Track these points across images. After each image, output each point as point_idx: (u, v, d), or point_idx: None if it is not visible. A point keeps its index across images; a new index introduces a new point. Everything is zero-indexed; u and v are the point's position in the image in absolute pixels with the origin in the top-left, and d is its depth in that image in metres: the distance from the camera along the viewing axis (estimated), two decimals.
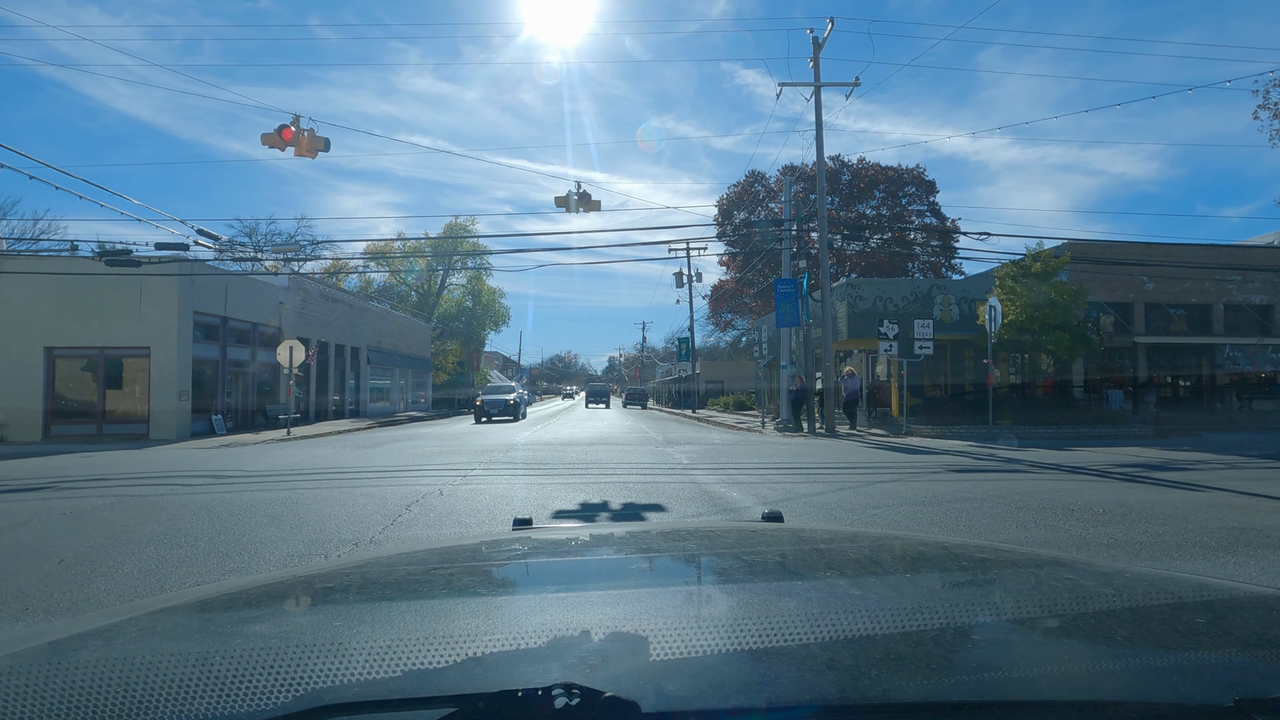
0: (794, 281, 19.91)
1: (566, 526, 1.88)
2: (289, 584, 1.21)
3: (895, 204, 35.91)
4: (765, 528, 1.63)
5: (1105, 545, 5.08)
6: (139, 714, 0.62)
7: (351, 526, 6.01)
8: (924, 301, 22.21)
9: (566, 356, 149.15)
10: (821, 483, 8.78)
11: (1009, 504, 6.80)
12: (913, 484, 8.41)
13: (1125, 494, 7.50)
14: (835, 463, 11.25)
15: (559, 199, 15.98)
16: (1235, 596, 1.04)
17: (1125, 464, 10.56)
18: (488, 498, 7.58)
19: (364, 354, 34.80)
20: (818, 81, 19.52)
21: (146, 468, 11.59)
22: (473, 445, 15.14)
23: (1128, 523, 5.86)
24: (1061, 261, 17.75)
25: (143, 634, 0.91)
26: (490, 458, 12.16)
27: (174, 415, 20.03)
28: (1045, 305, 17.12)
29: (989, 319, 15.87)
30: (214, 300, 22.14)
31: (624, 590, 1.12)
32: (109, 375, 20.28)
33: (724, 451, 13.39)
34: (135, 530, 5.90)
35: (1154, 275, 22.77)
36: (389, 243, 49.75)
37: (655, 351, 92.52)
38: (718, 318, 46.82)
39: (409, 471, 10.32)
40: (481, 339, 60.88)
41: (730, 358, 65.66)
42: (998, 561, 1.29)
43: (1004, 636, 0.88)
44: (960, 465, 10.58)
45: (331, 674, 0.70)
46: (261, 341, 25.03)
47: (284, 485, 8.81)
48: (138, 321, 19.99)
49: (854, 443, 15.62)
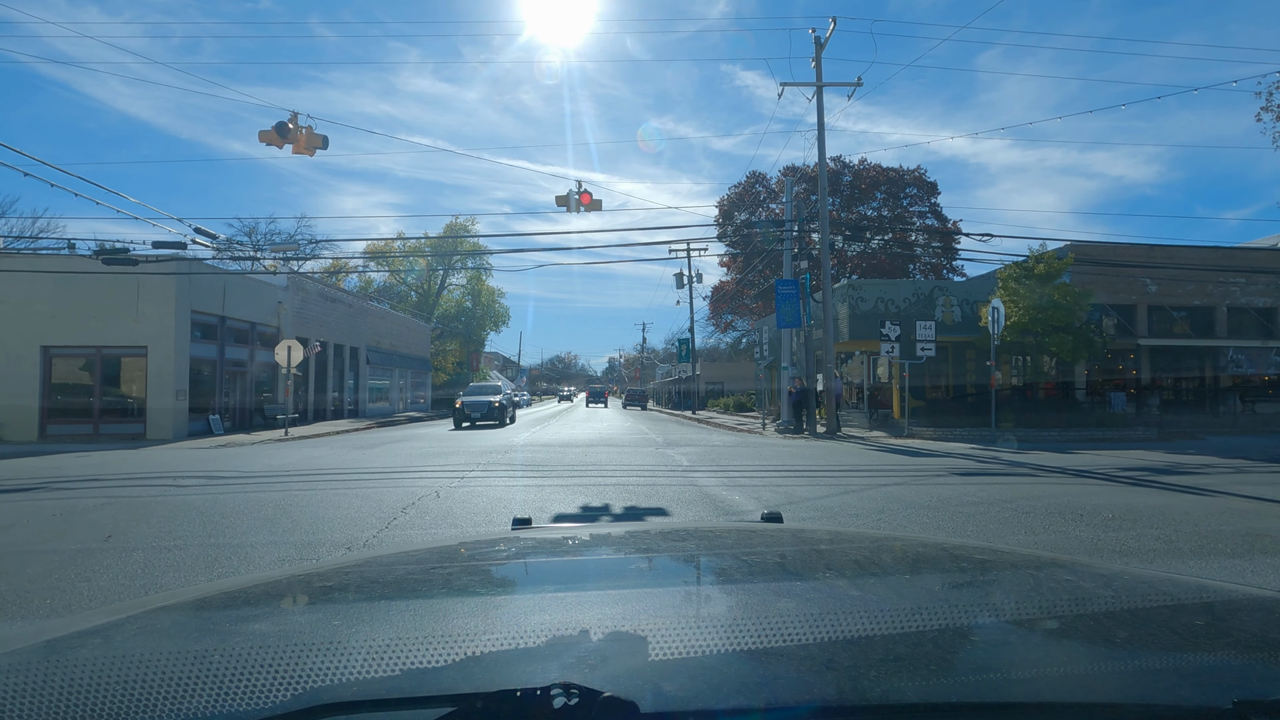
0: (795, 282, 19.80)
1: (566, 526, 1.95)
2: (288, 583, 1.20)
3: (896, 205, 35.80)
4: (765, 528, 1.62)
5: (1117, 551, 4.96)
6: (137, 712, 0.61)
7: (345, 530, 5.89)
8: (926, 303, 22.09)
9: (566, 357, 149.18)
10: (825, 486, 8.65)
11: (1015, 509, 6.68)
12: (917, 488, 8.29)
13: (1133, 498, 7.38)
14: (838, 465, 11.13)
15: (559, 198, 15.86)
16: (1234, 599, 1.04)
17: (1131, 467, 10.44)
18: (485, 500, 7.45)
19: (363, 354, 34.68)
20: (819, 81, 19.41)
21: (141, 468, 11.46)
22: (471, 447, 15.02)
23: (1139, 528, 5.74)
24: (1065, 263, 17.64)
25: (141, 632, 0.91)
26: (488, 459, 12.04)
27: (171, 415, 19.90)
28: (1048, 307, 17.00)
29: (992, 320, 15.75)
30: (212, 300, 22.01)
31: (623, 590, 1.11)
32: (106, 375, 20.16)
33: (725, 453, 13.27)
34: (124, 533, 5.78)
35: (1157, 277, 22.64)
36: (389, 242, 49.74)
37: (655, 353, 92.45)
38: (718, 319, 46.71)
39: (406, 473, 10.19)
40: (481, 339, 60.79)
41: (730, 359, 65.57)
42: (997, 563, 1.28)
43: (1003, 638, 0.87)
44: (964, 468, 10.46)
45: (330, 673, 0.69)
46: (260, 341, 24.90)
47: (278, 486, 8.69)
48: (135, 321, 19.86)
49: (855, 445, 15.50)
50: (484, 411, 23.59)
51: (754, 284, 37.68)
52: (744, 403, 38.01)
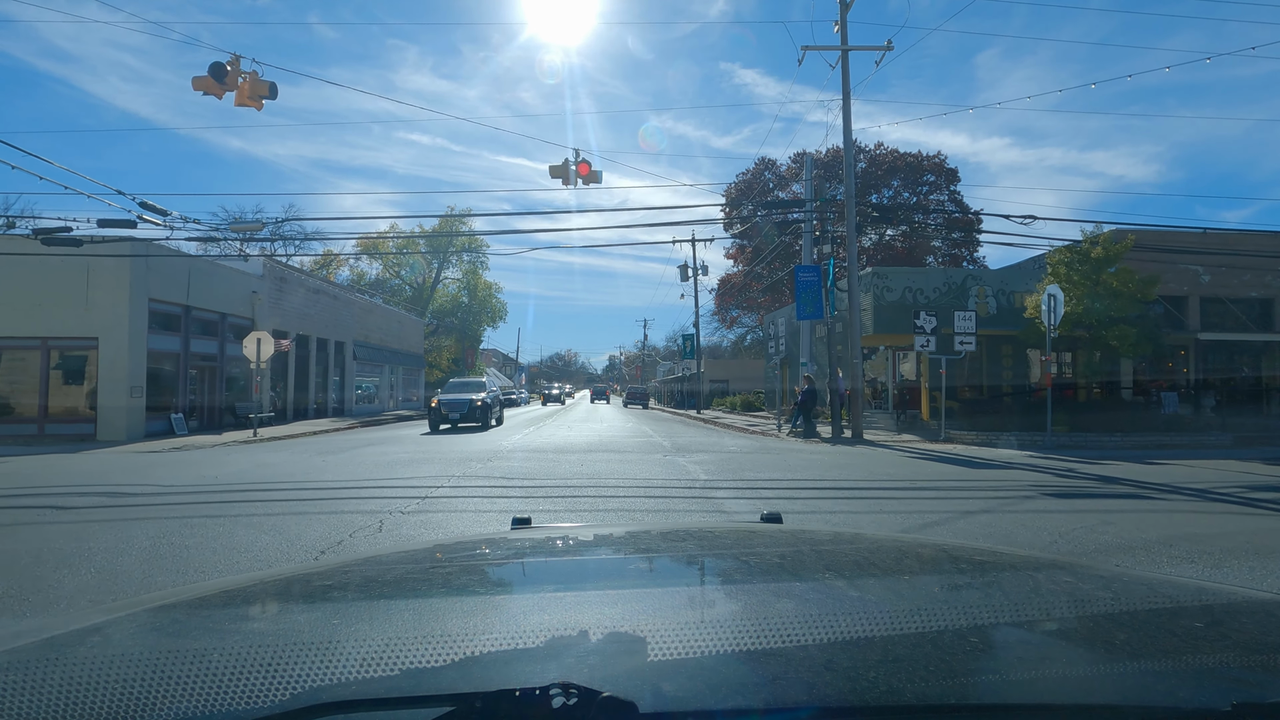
0: (817, 269, 17.80)
1: (566, 526, 1.74)
2: (286, 582, 1.18)
3: (914, 192, 33.78)
4: (765, 528, 1.61)
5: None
6: (136, 710, 0.61)
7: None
8: (958, 293, 20.10)
9: (566, 355, 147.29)
10: (891, 513, 6.69)
11: (1197, 548, 4.71)
12: (1015, 516, 6.31)
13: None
14: (889, 479, 9.15)
15: (554, 168, 13.87)
16: (1233, 601, 1.02)
17: (1256, 485, 8.48)
18: (440, 534, 5.50)
19: (349, 349, 32.68)
20: (845, 45, 17.41)
21: (45, 479, 9.50)
22: (449, 453, 13.03)
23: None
24: (1124, 245, 15.59)
25: (140, 630, 0.90)
26: (465, 470, 10.07)
27: (124, 414, 17.93)
28: (1107, 295, 15.01)
29: (1048, 310, 13.76)
30: (174, 287, 20.02)
31: (622, 590, 1.09)
32: (52, 369, 18.19)
33: (745, 462, 11.29)
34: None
35: (1210, 266, 20.66)
36: (382, 235, 47.74)
37: (656, 350, 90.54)
38: (724, 314, 44.74)
39: (357, 490, 8.24)
40: (478, 335, 58.85)
41: (733, 357, 63.67)
42: (997, 565, 1.27)
43: (1002, 639, 0.85)
44: (1047, 485, 8.50)
45: (329, 672, 0.69)
46: (232, 333, 22.89)
47: (181, 510, 6.73)
48: (84, 309, 17.88)
49: (891, 452, 13.52)
50: (464, 412, 20.64)
51: (762, 276, 35.67)
52: (751, 402, 35.99)
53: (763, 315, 39.73)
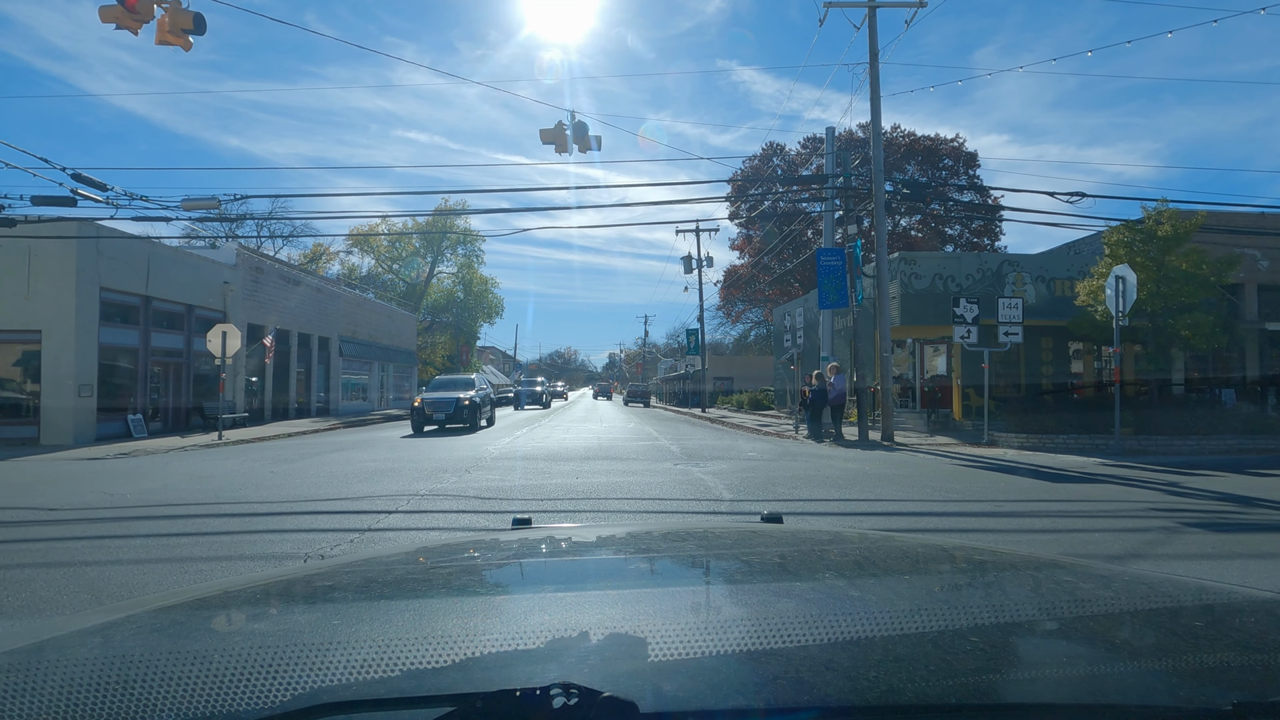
0: (841, 252, 15.95)
1: (566, 526, 1.72)
2: (287, 583, 1.16)
3: (932, 176, 31.92)
4: (765, 529, 1.59)
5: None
6: (137, 711, 0.61)
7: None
8: (993, 280, 18.28)
9: (566, 353, 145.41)
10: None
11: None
12: (1189, 566, 4.49)
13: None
14: (960, 498, 7.33)
15: (545, 132, 12.07)
16: (1234, 600, 1.01)
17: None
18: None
19: (334, 345, 30.84)
20: (872, 0, 15.60)
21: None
22: (424, 461, 11.21)
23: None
24: (1194, 222, 13.76)
25: (141, 631, 0.90)
26: (434, 485, 8.26)
27: (71, 415, 16.11)
28: (1177, 279, 13.19)
29: (1117, 294, 11.93)
30: (131, 276, 18.18)
31: (623, 591, 1.08)
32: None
33: (772, 473, 9.47)
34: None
35: (1268, 251, 18.84)
36: (374, 228, 45.89)
37: (657, 348, 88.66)
38: (729, 307, 42.94)
39: (285, 515, 6.42)
40: (474, 331, 57.03)
41: (736, 353, 61.85)
42: (997, 564, 1.25)
43: (1003, 639, 0.84)
44: (1167, 508, 6.68)
45: (330, 672, 0.68)
46: (200, 327, 21.00)
47: (12, 547, 4.92)
48: (25, 299, 16.07)
49: (934, 458, 11.71)
50: (450, 412, 18.95)
51: (770, 268, 33.85)
52: (759, 400, 34.13)
53: (770, 309, 37.86)
